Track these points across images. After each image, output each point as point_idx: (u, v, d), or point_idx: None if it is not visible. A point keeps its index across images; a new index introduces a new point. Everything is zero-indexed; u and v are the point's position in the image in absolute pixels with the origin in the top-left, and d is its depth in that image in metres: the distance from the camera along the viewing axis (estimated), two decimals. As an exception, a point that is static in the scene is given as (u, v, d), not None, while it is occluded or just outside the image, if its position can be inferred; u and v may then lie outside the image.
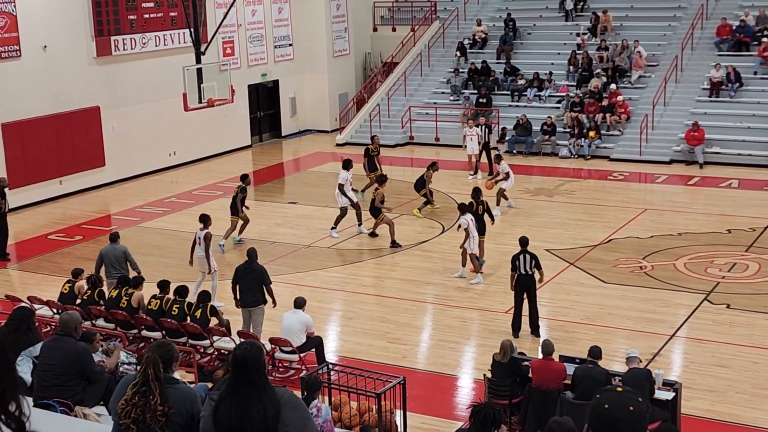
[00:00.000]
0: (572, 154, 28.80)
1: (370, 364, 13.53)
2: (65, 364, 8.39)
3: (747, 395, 12.93)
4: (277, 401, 5.05)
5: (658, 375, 11.55)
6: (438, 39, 35.39)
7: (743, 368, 13.81)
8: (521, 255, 15.29)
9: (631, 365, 11.49)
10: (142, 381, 5.71)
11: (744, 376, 13.55)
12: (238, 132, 32.00)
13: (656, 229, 20.89)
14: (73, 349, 8.49)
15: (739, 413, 12.46)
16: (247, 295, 14.70)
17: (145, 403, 5.66)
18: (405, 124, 32.18)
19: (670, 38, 32.08)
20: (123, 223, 23.24)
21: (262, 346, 5.53)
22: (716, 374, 13.63)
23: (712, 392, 13.03)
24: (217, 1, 29.63)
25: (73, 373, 8.42)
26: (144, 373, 5.72)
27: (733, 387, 13.19)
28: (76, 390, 8.42)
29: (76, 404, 8.26)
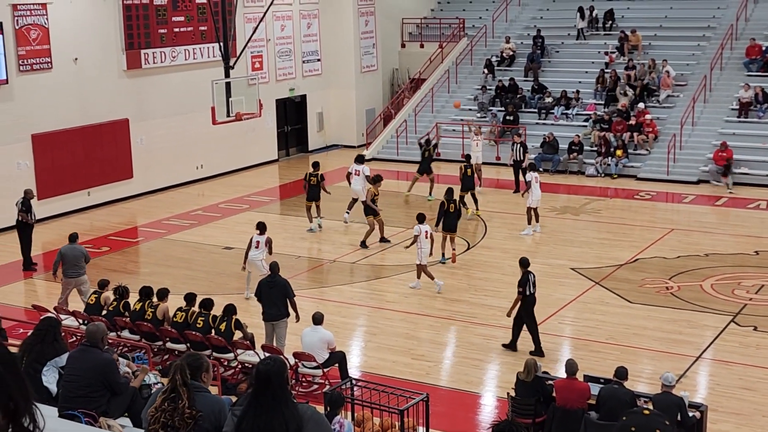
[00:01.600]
0: (599, 172, 28.69)
1: (394, 380, 13.51)
2: (90, 375, 8.43)
3: (773, 419, 12.80)
4: (300, 417, 5.06)
5: (684, 397, 11.45)
6: (466, 56, 35.43)
7: (770, 391, 13.67)
8: (530, 275, 15.22)
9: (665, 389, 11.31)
10: (171, 387, 5.76)
11: (770, 399, 13.41)
12: (265, 146, 32.14)
13: (683, 249, 20.75)
14: (98, 360, 8.54)
15: (766, 437, 12.33)
16: (270, 309, 14.71)
17: (174, 408, 5.70)
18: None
19: (698, 58, 31.96)
20: (149, 235, 23.38)
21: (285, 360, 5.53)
22: (742, 397, 13.50)
23: (739, 415, 12.90)
24: (247, 16, 29.83)
25: (98, 384, 8.46)
26: (172, 379, 5.77)
27: (760, 410, 13.06)
28: (101, 401, 8.46)
29: (100, 415, 8.30)
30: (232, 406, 5.74)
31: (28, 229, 20.11)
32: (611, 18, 34.51)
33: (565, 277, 19.01)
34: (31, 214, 20.12)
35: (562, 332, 16.28)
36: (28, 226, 20.08)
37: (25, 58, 23.88)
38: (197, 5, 28.43)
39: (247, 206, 26.02)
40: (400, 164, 31.51)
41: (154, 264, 21.08)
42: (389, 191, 27.90)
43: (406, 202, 26.06)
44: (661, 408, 11.00)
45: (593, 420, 11.19)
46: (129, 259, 21.64)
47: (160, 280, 18.33)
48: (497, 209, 25.01)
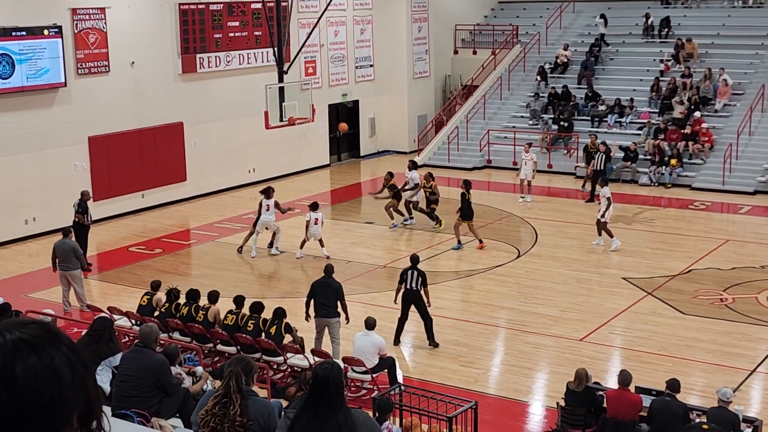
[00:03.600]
0: (653, 181, 28.39)
1: (442, 387, 13.48)
2: (143, 376, 8.54)
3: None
4: (353, 422, 5.07)
5: (738, 411, 11.27)
6: (519, 63, 35.29)
7: (826, 407, 13.41)
8: (409, 271, 15.98)
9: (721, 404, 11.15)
10: (224, 392, 5.81)
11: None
12: (317, 151, 32.28)
13: (738, 260, 20.44)
14: (151, 361, 8.64)
15: (821, 454, 12.09)
16: (323, 308, 14.83)
17: (225, 413, 5.75)
18: (483, 148, 32.10)
19: (757, 66, 31.49)
20: (201, 238, 23.59)
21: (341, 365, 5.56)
22: (798, 412, 13.25)
23: (794, 431, 12.66)
24: (301, 22, 30.01)
25: (150, 384, 8.56)
26: (226, 385, 5.82)
27: (816, 426, 12.80)
28: (153, 401, 8.56)
29: (152, 415, 8.40)
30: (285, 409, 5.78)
31: (85, 230, 20.41)
32: (667, 25, 34.14)
33: (617, 287, 18.83)
34: (88, 215, 20.42)
35: (613, 342, 16.13)
36: (85, 227, 20.39)
37: (84, 61, 24.25)
38: (252, 11, 28.67)
39: (298, 211, 26.08)
40: (452, 171, 31.44)
41: (205, 266, 21.27)
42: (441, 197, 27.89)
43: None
44: (715, 423, 10.84)
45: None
46: (181, 261, 21.85)
47: (211, 283, 18.47)
48: (549, 217, 24.86)
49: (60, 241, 18.13)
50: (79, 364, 2.02)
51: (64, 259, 17.88)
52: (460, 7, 37.86)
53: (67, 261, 17.86)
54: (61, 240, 18.12)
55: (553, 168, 30.49)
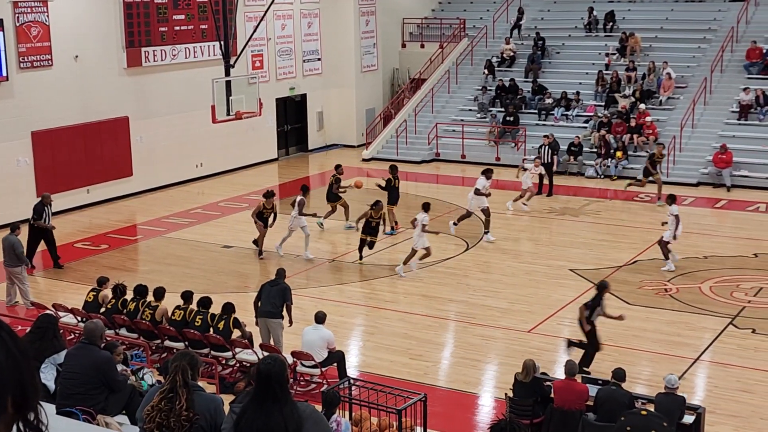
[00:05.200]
0: (599, 174, 28.71)
1: (392, 380, 13.51)
2: (89, 373, 8.43)
3: (771, 422, 12.80)
4: (299, 416, 5.06)
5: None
6: (466, 56, 35.44)
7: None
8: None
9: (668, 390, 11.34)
10: (169, 387, 5.75)
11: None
12: (265, 145, 32.14)
13: (682, 251, 20.73)
14: (97, 358, 8.54)
15: (763, 440, 12.33)
16: (265, 306, 14.68)
17: (171, 408, 5.70)
18: (431, 141, 32.21)
19: (699, 60, 31.97)
20: (149, 233, 23.38)
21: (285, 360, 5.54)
22: (740, 399, 13.50)
23: (736, 418, 12.90)
24: (248, 15, 29.82)
25: (96, 381, 8.46)
26: (172, 380, 5.76)
27: (758, 413, 13.05)
28: (99, 398, 8.46)
29: (98, 413, 8.30)
30: (231, 404, 5.74)
31: (47, 232, 20.10)
32: (612, 19, 34.52)
33: (564, 279, 19.01)
34: (45, 218, 20.01)
35: (560, 333, 16.26)
36: (45, 231, 20.06)
37: (26, 55, 23.87)
38: (198, 4, 28.43)
39: (246, 205, 26.00)
40: (400, 164, 31.43)
41: (153, 262, 21.08)
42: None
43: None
44: (663, 408, 11.03)
45: (591, 421, 11.19)
46: (128, 256, 21.64)
47: (159, 279, 18.35)
48: (497, 210, 24.99)
49: (4, 236, 18.01)
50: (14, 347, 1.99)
51: (6, 256, 17.79)
52: (407, 1, 37.94)
53: (8, 257, 17.76)
54: (6, 236, 17.97)
55: (501, 161, 30.69)
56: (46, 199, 20.23)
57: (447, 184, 29.07)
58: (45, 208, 20.05)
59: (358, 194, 23.77)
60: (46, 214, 20.08)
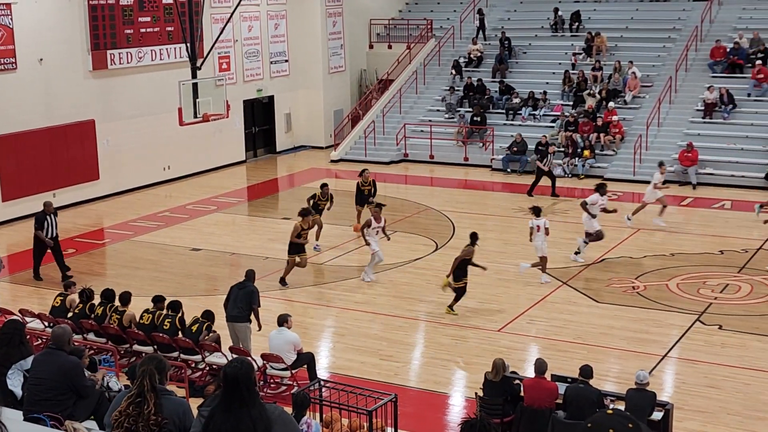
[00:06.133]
0: (566, 173, 28.87)
1: (362, 381, 13.50)
2: (56, 378, 8.35)
3: (739, 417, 12.92)
4: (268, 418, 5.04)
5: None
6: (434, 57, 35.51)
7: (735, 389, 13.80)
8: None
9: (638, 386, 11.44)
10: (137, 392, 5.71)
11: (736, 397, 13.54)
12: (233, 147, 32.02)
13: (649, 249, 20.92)
14: (64, 363, 8.46)
15: (731, 435, 12.46)
16: (232, 310, 14.63)
17: (139, 413, 5.67)
18: (400, 142, 32.23)
19: (664, 59, 32.24)
20: (116, 237, 23.22)
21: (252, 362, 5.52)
22: (708, 395, 13.62)
23: (704, 413, 13.02)
24: (214, 17, 29.70)
25: (64, 387, 8.38)
26: (140, 384, 5.72)
27: (725, 408, 13.18)
28: (67, 404, 8.38)
29: (66, 418, 8.22)
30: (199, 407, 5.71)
31: (46, 245, 19.60)
32: (578, 19, 34.74)
33: (533, 278, 19.08)
34: (48, 227, 19.35)
35: (529, 332, 16.35)
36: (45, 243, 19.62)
37: (-11, 58, 23.64)
38: (164, 6, 28.27)
39: (214, 207, 25.93)
40: (368, 165, 31.47)
41: (121, 266, 20.93)
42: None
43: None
44: (634, 404, 11.12)
45: (561, 419, 11.25)
46: (95, 261, 21.47)
47: (127, 282, 18.23)
48: (466, 210, 25.09)
49: None
50: None
51: None
52: (374, 2, 37.96)
53: None
54: None
55: (470, 161, 30.81)
56: (48, 207, 19.63)
57: (416, 184, 29.11)
58: (47, 218, 19.42)
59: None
60: (48, 224, 19.42)
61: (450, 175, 29.57)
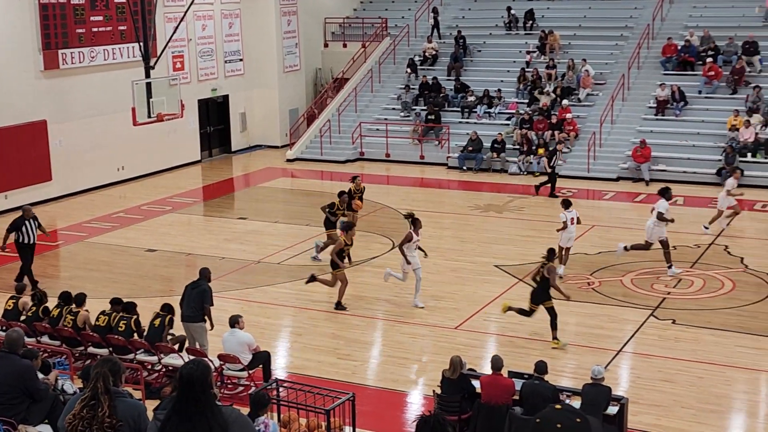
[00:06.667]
0: (522, 170, 29.05)
1: (320, 380, 13.48)
2: (9, 382, 8.25)
3: (692, 410, 13.09)
4: (224, 421, 5.01)
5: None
6: (389, 55, 35.55)
7: (688, 383, 13.98)
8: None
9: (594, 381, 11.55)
10: (91, 395, 5.65)
11: (689, 390, 13.72)
12: (188, 147, 31.81)
13: (604, 245, 21.11)
14: (17, 367, 8.36)
15: (685, 428, 12.60)
16: (186, 310, 14.54)
17: (93, 416, 5.60)
18: (355, 140, 32.23)
19: (617, 57, 32.56)
20: (70, 238, 22.96)
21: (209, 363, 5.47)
22: (662, 389, 13.78)
23: (659, 407, 13.17)
24: (167, 16, 29.47)
25: (17, 390, 8.28)
26: (94, 387, 5.66)
27: (679, 402, 13.35)
28: (20, 408, 8.28)
29: (20, 422, 8.13)
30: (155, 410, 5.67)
31: (27, 248, 19.21)
32: (532, 18, 34.96)
33: (489, 275, 19.19)
34: (26, 233, 18.97)
35: (487, 329, 16.43)
36: (26, 246, 19.24)
37: (-62, 58, 23.26)
38: (116, 4, 27.99)
39: (169, 208, 25.75)
40: (324, 164, 31.51)
41: (75, 268, 20.71)
42: (312, 190, 27.91)
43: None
44: (589, 399, 11.23)
45: (517, 415, 11.31)
46: (49, 263, 21.20)
47: (81, 284, 18.03)
48: (422, 207, 25.13)
49: None
50: None
51: None
52: (329, 1, 37.90)
53: None
54: None
55: (425, 159, 30.89)
56: (27, 213, 19.23)
57: (372, 183, 29.06)
58: (25, 223, 19.01)
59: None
60: (27, 229, 18.98)
61: (406, 174, 29.63)
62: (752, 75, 30.07)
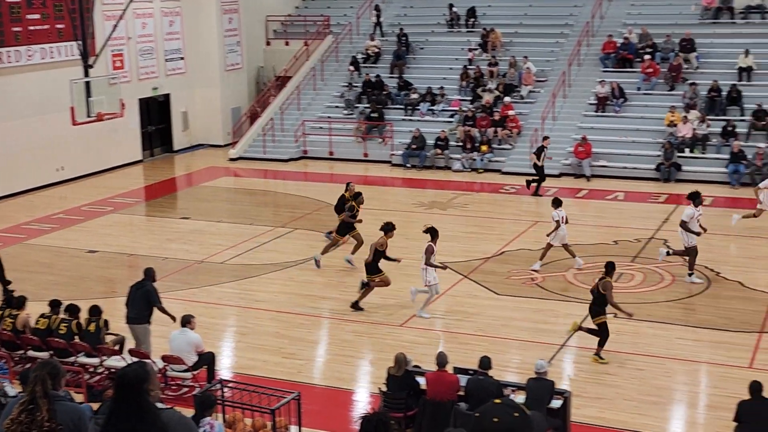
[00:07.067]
0: (465, 167, 29.20)
1: (265, 380, 13.42)
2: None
3: (634, 402, 13.27)
4: (163, 423, 4.94)
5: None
6: (332, 53, 35.49)
7: (630, 375, 14.17)
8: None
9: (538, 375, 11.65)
10: (29, 399, 5.55)
11: (631, 383, 13.90)
12: (129, 147, 31.43)
13: (546, 241, 21.25)
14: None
15: (627, 419, 12.77)
16: (130, 312, 14.39)
17: (32, 420, 5.51)
18: (299, 139, 32.12)
19: (558, 54, 32.87)
20: (8, 240, 22.56)
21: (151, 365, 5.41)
22: (605, 382, 13.95)
23: (601, 400, 13.33)
24: (106, 14, 29.09)
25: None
26: (32, 391, 5.56)
27: (621, 394, 13.52)
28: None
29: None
30: (95, 413, 5.59)
31: None
32: (473, 15, 35.14)
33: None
34: None
35: (432, 326, 16.48)
36: None
37: None
38: (53, 3, 27.55)
39: (111, 208, 25.43)
40: (267, 162, 31.37)
41: (14, 270, 20.31)
42: (255, 189, 27.78)
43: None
44: (534, 393, 11.32)
45: (463, 411, 11.36)
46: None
47: (21, 287, 17.75)
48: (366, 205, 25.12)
49: None
50: None
51: None
52: (270, -1, 37.74)
53: None
54: None
55: (369, 156, 30.90)
56: None
57: (315, 181, 29.06)
58: None
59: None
60: None
61: (350, 172, 29.58)
62: (689, 72, 30.56)
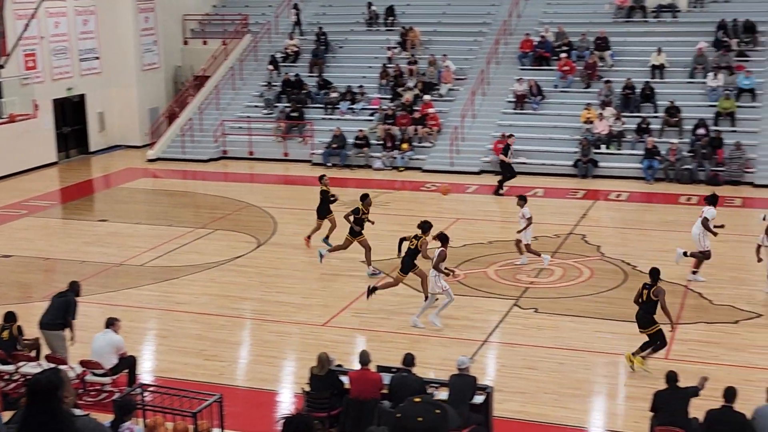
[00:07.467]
0: (386, 165, 29.26)
1: (186, 382, 13.25)
2: None
3: (555, 395, 13.45)
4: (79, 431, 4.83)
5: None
6: (250, 52, 35.25)
7: (551, 369, 14.35)
8: None
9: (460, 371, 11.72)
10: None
11: (551, 377, 14.09)
12: (43, 148, 30.75)
13: (468, 237, 21.45)
14: None
15: (548, 413, 12.93)
16: (45, 317, 14.04)
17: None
18: (218, 139, 31.83)
19: (476, 53, 33.15)
20: None
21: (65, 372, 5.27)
22: (526, 376, 14.11)
23: (523, 394, 13.48)
24: (17, 13, 28.40)
25: None
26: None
27: (542, 388, 13.69)
28: None
29: None
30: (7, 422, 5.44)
31: None
32: (392, 14, 35.24)
33: (356, 271, 19.24)
34: None
35: (354, 325, 16.47)
36: None
37: None
38: (-38, 1, 26.83)
39: (25, 212, 24.85)
40: (186, 163, 31.01)
41: (-77, 277, 19.76)
42: (174, 190, 27.45)
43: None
44: (456, 389, 11.39)
45: (386, 409, 11.37)
46: None
47: (-70, 294, 17.24)
48: (287, 205, 25.05)
49: None
50: None
51: None
52: (187, -3, 37.32)
53: None
54: None
55: (289, 156, 30.77)
56: None
57: (235, 181, 28.83)
58: None
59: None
60: None
61: (270, 171, 29.44)
62: (604, 69, 31.11)
